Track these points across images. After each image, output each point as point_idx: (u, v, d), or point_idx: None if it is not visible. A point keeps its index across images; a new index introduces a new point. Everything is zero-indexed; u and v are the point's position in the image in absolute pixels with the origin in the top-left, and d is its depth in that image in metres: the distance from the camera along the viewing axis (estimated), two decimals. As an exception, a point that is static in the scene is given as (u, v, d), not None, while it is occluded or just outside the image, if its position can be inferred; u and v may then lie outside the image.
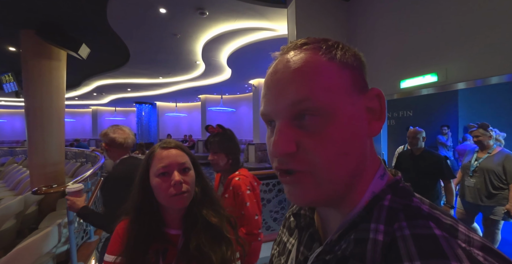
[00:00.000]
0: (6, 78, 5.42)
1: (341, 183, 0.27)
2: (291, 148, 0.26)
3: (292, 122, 0.27)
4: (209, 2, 2.92)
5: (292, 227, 0.41)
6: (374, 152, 0.31)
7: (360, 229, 0.26)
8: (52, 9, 3.04)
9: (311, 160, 0.26)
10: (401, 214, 0.25)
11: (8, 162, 7.16)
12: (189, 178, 0.67)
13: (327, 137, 0.26)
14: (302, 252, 0.34)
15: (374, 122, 0.29)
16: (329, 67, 0.27)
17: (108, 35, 3.85)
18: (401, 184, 0.29)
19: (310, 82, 0.26)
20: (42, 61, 3.55)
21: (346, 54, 0.29)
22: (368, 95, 0.29)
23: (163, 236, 0.67)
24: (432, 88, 2.11)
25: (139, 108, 12.20)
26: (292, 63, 0.27)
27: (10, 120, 12.77)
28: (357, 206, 0.28)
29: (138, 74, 6.71)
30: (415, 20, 2.17)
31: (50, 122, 3.65)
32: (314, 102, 0.26)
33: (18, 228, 2.83)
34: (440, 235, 0.22)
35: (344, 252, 0.26)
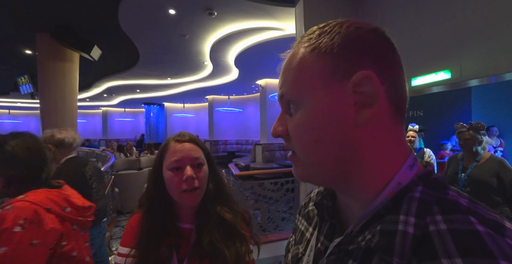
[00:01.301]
0: (22, 80, 5.63)
1: (322, 167, 0.28)
2: (281, 131, 0.31)
3: (285, 109, 0.32)
4: (217, 2, 2.95)
5: (311, 216, 0.41)
6: (396, 141, 0.28)
7: (387, 221, 0.24)
8: (66, 12, 3.15)
9: (292, 143, 0.30)
10: (435, 207, 0.24)
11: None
12: (201, 174, 0.66)
13: (299, 124, 0.29)
14: (322, 241, 0.34)
15: (365, 110, 0.26)
16: (308, 60, 0.28)
17: (118, 37, 3.95)
18: (433, 176, 0.27)
19: (288, 79, 0.30)
20: (56, 63, 3.67)
21: (334, 39, 0.27)
22: (354, 78, 0.26)
23: (176, 230, 0.66)
24: (444, 86, 2.06)
25: (147, 109, 12.41)
26: (286, 60, 0.32)
27: (26, 121, 13.24)
28: (380, 196, 0.27)
29: (147, 75, 6.84)
30: (427, 15, 2.13)
31: (64, 123, 3.76)
32: (289, 96, 0.30)
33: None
34: (483, 231, 0.20)
35: (368, 243, 0.25)
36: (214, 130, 10.75)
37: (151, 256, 0.61)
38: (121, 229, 3.08)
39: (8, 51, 4.59)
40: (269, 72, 6.46)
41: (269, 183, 2.74)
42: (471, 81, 1.88)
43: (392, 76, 0.28)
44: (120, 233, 2.98)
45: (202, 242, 0.63)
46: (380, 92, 0.26)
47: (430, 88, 2.16)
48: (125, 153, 6.31)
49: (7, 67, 5.53)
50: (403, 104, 0.29)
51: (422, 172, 0.27)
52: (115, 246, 2.65)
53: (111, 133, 13.80)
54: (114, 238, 2.84)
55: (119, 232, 3.01)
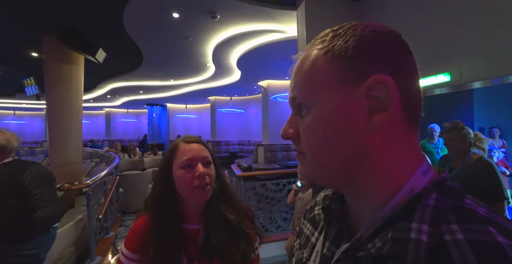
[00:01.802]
0: (28, 82, 5.72)
1: (329, 170, 0.28)
2: (291, 133, 0.32)
3: (296, 112, 0.32)
4: (220, 6, 3.00)
5: (317, 220, 0.40)
6: (409, 146, 0.28)
7: (399, 228, 0.24)
8: (73, 15, 3.21)
9: (302, 145, 0.31)
10: (450, 215, 0.23)
11: (29, 161, 7.52)
12: (211, 171, 0.70)
13: (310, 127, 0.29)
14: (328, 247, 0.33)
15: (377, 115, 0.26)
16: (320, 63, 0.29)
17: (123, 40, 4.01)
18: (448, 183, 0.26)
19: (300, 81, 0.30)
20: (62, 65, 3.75)
21: (348, 42, 0.27)
22: (368, 83, 0.26)
23: (183, 232, 0.67)
24: (444, 88, 2.09)
25: (150, 110, 12.50)
26: (298, 62, 0.32)
27: (30, 122, 13.39)
28: (391, 202, 0.26)
29: (150, 77, 6.91)
30: (427, 19, 2.16)
31: (69, 124, 3.83)
32: (300, 99, 0.30)
33: (40, 223, 2.98)
34: (505, 242, 0.19)
35: (379, 251, 0.24)
36: (216, 131, 10.80)
37: (161, 259, 0.62)
38: (126, 229, 3.14)
39: (15, 53, 4.68)
40: (271, 73, 6.50)
41: (271, 183, 2.78)
42: (471, 84, 1.91)
43: (406, 80, 0.27)
44: (124, 232, 3.03)
45: (210, 241, 0.65)
46: (394, 97, 0.26)
47: (431, 91, 2.19)
48: (128, 153, 6.38)
49: (13, 69, 5.62)
50: (417, 109, 0.28)
51: (437, 179, 0.27)
52: (120, 245, 2.70)
53: (114, 134, 13.91)
54: (119, 237, 2.89)
55: (124, 231, 3.06)
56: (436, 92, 2.19)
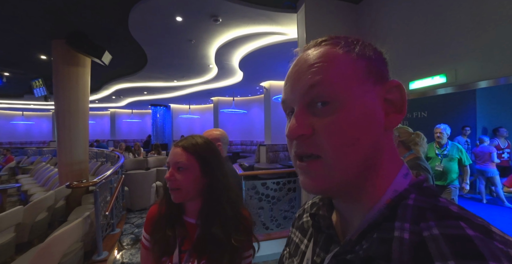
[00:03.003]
0: (37, 84, 5.89)
1: (350, 172, 0.27)
2: (306, 130, 0.28)
3: (308, 108, 0.29)
4: (222, 9, 3.08)
5: (306, 227, 0.40)
6: (395, 150, 0.30)
7: (384, 228, 0.25)
8: (80, 20, 3.33)
9: (322, 144, 0.27)
10: (428, 213, 0.24)
11: (36, 161, 7.73)
12: (181, 177, 0.69)
13: (336, 122, 0.27)
14: (318, 253, 0.34)
15: (393, 115, 0.28)
16: (344, 58, 0.28)
17: (128, 42, 4.12)
18: (425, 184, 0.28)
19: (324, 70, 0.28)
20: (70, 68, 3.87)
21: (365, 48, 0.29)
22: (386, 86, 0.28)
23: (183, 222, 0.73)
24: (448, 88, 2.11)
25: (154, 111, 12.66)
26: (311, 56, 0.30)
27: (38, 123, 13.68)
28: (377, 204, 0.27)
29: (154, 78, 7.03)
30: (424, 22, 2.20)
31: (76, 124, 3.95)
32: (325, 86, 0.27)
33: (49, 220, 3.10)
34: (474, 235, 0.21)
35: (367, 252, 0.25)
36: (219, 131, 10.88)
37: (158, 243, 0.69)
38: (131, 226, 3.23)
39: (24, 56, 4.84)
40: (273, 74, 6.57)
41: (271, 182, 2.84)
42: (467, 85, 1.94)
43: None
44: (130, 229, 3.12)
45: (203, 239, 0.68)
46: (406, 102, 0.29)
47: (431, 91, 2.22)
48: (133, 153, 6.51)
49: (22, 71, 5.79)
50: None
51: (415, 181, 0.28)
52: (126, 241, 2.79)
53: (119, 134, 14.13)
54: (125, 234, 2.98)
55: (129, 228, 3.15)
56: (440, 92, 2.19)
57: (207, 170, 0.71)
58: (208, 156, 0.73)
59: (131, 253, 2.50)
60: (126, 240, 2.80)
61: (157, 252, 0.69)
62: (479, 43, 1.80)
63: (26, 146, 11.65)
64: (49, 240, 1.80)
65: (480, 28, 1.79)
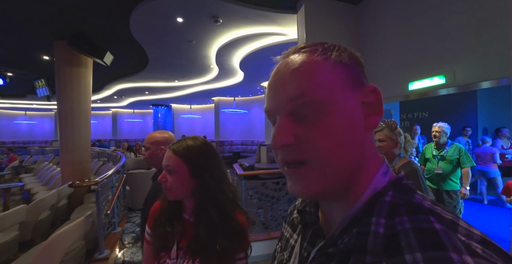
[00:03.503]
0: (39, 84, 5.94)
1: (342, 173, 0.28)
2: (289, 140, 0.29)
3: (291, 117, 0.29)
4: (222, 10, 3.10)
5: (296, 223, 0.41)
6: (375, 149, 0.32)
7: (362, 223, 0.27)
8: (82, 21, 3.36)
9: (310, 150, 0.28)
10: (402, 209, 0.26)
11: (39, 160, 7.80)
12: (171, 179, 0.72)
13: (324, 128, 0.28)
14: (305, 248, 0.35)
15: (371, 117, 0.30)
16: (323, 66, 0.29)
17: (130, 43, 4.15)
18: (403, 182, 0.29)
19: (306, 80, 0.29)
20: (72, 68, 3.91)
21: (341, 54, 0.31)
22: (363, 91, 0.30)
23: (182, 220, 0.76)
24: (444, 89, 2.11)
25: (155, 110, 12.72)
26: (291, 65, 0.30)
27: (41, 122, 13.79)
28: (358, 201, 0.29)
29: (156, 78, 7.07)
30: (423, 23, 2.21)
31: (79, 124, 3.99)
32: (310, 96, 0.28)
33: (52, 218, 3.14)
34: (440, 228, 0.23)
35: (346, 245, 0.27)
36: (220, 131, 10.94)
37: (158, 238, 0.72)
38: (132, 225, 3.26)
39: (27, 57, 4.88)
40: (274, 74, 6.58)
41: (271, 182, 2.86)
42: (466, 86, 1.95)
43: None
44: (131, 228, 3.15)
45: (198, 238, 0.69)
46: (381, 103, 0.30)
47: (431, 92, 2.21)
48: (135, 152, 6.56)
49: (25, 72, 5.85)
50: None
51: (394, 178, 0.30)
52: (127, 240, 2.82)
53: (120, 133, 14.20)
54: (126, 232, 3.02)
55: (131, 227, 3.19)
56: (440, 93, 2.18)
57: (195, 173, 0.73)
58: (197, 159, 0.74)
59: (132, 252, 2.53)
60: (128, 239, 2.84)
61: (156, 247, 0.72)
62: (478, 44, 1.81)
63: (29, 145, 11.75)
64: (51, 238, 1.83)
65: (479, 28, 1.80)
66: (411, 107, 5.49)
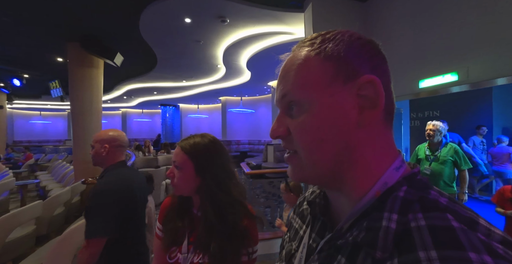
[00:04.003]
0: (53, 85, 6.15)
1: (319, 166, 0.29)
2: (281, 132, 0.32)
3: (285, 111, 0.32)
4: (229, 10, 3.12)
5: (305, 214, 0.42)
6: (388, 143, 0.31)
7: (373, 218, 0.26)
8: (94, 23, 3.46)
9: (295, 143, 0.31)
10: (416, 205, 0.25)
11: (53, 159, 8.08)
12: (177, 174, 0.75)
13: (302, 124, 0.30)
14: (314, 238, 0.36)
15: (368, 111, 0.29)
16: (313, 62, 0.30)
17: (139, 44, 4.24)
18: (418, 177, 0.29)
19: (291, 79, 0.31)
20: (84, 69, 4.03)
21: (338, 44, 0.30)
22: (358, 82, 0.29)
23: (192, 215, 0.77)
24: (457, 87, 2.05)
25: (163, 110, 12.92)
26: (287, 62, 0.33)
27: (54, 122, 14.27)
28: (367, 195, 0.28)
29: (164, 79, 7.18)
30: (434, 18, 2.15)
31: (90, 123, 4.11)
32: (292, 96, 0.30)
33: (66, 214, 3.25)
34: (458, 227, 0.22)
35: (355, 239, 0.26)
36: (227, 131, 11.00)
37: (169, 232, 0.74)
38: (141, 222, 3.33)
39: (42, 59, 5.07)
40: (281, 73, 6.57)
41: (278, 181, 2.86)
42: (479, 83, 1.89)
43: (386, 84, 0.30)
44: (140, 225, 3.22)
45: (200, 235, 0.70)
46: (381, 96, 0.28)
47: (442, 90, 2.16)
48: (143, 151, 6.69)
49: (40, 73, 6.07)
50: (393, 110, 0.32)
51: (408, 173, 0.29)
52: (137, 236, 2.89)
53: (129, 133, 14.51)
54: (136, 229, 3.09)
55: (140, 224, 3.26)
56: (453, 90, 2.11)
57: (200, 170, 0.74)
58: (202, 156, 0.75)
59: (142, 248, 2.59)
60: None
61: (167, 241, 0.74)
62: (494, 39, 1.75)
63: (43, 144, 12.19)
64: (66, 233, 1.90)
65: (495, 22, 1.74)
66: (422, 106, 5.35)
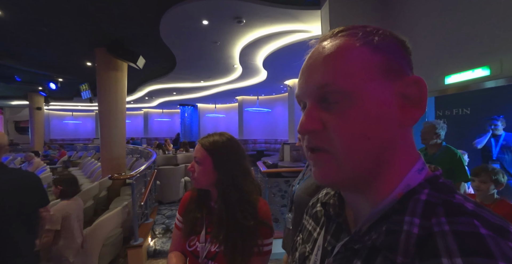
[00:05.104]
0: (83, 87, 6.63)
1: (361, 167, 0.27)
2: (316, 125, 0.28)
3: (319, 103, 0.29)
4: (245, 11, 3.15)
5: (319, 216, 0.40)
6: (412, 144, 0.29)
7: (393, 221, 0.25)
8: (118, 29, 3.68)
9: (332, 139, 0.27)
10: (440, 209, 0.24)
11: (83, 156, 8.72)
12: (197, 169, 0.81)
13: (348, 118, 0.26)
14: (329, 241, 0.34)
15: (409, 110, 0.27)
16: (359, 52, 0.27)
17: (159, 47, 4.43)
18: (441, 180, 0.27)
19: (335, 67, 0.27)
20: (110, 72, 4.30)
21: (384, 39, 0.28)
22: (404, 81, 0.27)
23: (209, 207, 0.83)
24: (489, 82, 1.90)
25: (182, 110, 13.35)
26: (325, 50, 0.29)
27: (84, 122, 15.39)
28: (388, 197, 0.27)
29: (183, 79, 7.43)
30: (462, 10, 2.01)
31: (116, 123, 4.38)
32: (336, 86, 0.27)
33: (95, 207, 3.50)
34: (486, 234, 0.20)
35: (374, 242, 0.25)
36: (244, 130, 11.11)
37: (188, 223, 0.81)
38: (162, 217, 3.50)
39: (74, 64, 5.49)
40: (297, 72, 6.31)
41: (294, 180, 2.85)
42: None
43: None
44: (161, 220, 3.39)
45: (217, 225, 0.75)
46: (426, 98, 0.27)
47: (477, 84, 2.00)
48: (163, 149, 6.98)
49: (72, 77, 6.57)
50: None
51: (430, 176, 0.28)
52: (158, 230, 3.04)
53: (150, 132, 15.20)
54: (157, 223, 3.25)
55: (161, 219, 3.42)
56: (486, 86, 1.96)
57: (217, 165, 0.80)
58: (219, 153, 0.80)
59: (162, 241, 2.73)
60: (158, 229, 3.05)
61: (186, 231, 0.81)
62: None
63: (74, 142, 13.20)
64: (95, 224, 2.07)
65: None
66: (449, 103, 4.99)
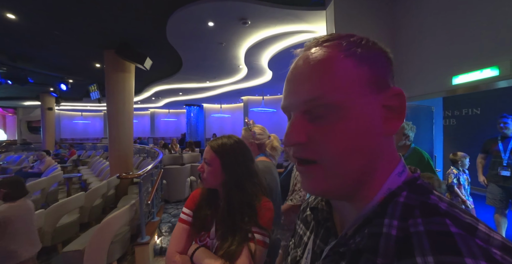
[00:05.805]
0: (92, 88, 6.79)
1: (350, 177, 0.28)
2: (302, 138, 0.28)
3: (305, 116, 0.29)
4: (250, 12, 3.18)
5: (309, 220, 0.41)
6: (393, 150, 0.30)
7: (374, 224, 0.26)
8: (126, 32, 3.76)
9: (321, 151, 0.28)
10: (416, 210, 0.25)
11: (92, 155, 8.93)
12: (207, 169, 0.85)
13: (336, 131, 0.27)
14: (318, 245, 0.35)
15: (392, 121, 0.28)
16: (345, 65, 0.27)
17: (166, 48, 4.50)
18: (419, 181, 0.28)
19: (323, 81, 0.27)
20: (118, 74, 4.40)
21: (368, 50, 0.28)
22: (387, 93, 0.28)
23: (218, 205, 0.87)
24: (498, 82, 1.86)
25: (188, 110, 13.48)
26: (310, 60, 0.29)
27: (93, 122, 15.74)
28: (372, 201, 0.28)
29: (189, 80, 7.51)
30: (470, 9, 1.98)
31: (123, 123, 4.47)
32: (325, 100, 0.27)
33: (103, 205, 3.59)
34: (456, 232, 0.22)
35: (357, 246, 0.26)
36: (249, 130, 11.12)
37: (199, 219, 0.85)
38: (168, 216, 3.56)
39: (83, 65, 5.63)
40: (302, 72, 6.47)
41: (298, 181, 2.86)
42: (524, 78, 1.71)
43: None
44: (167, 218, 3.45)
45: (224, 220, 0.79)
46: (405, 109, 0.29)
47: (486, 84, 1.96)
48: (169, 149, 7.08)
49: (81, 78, 6.74)
50: None
51: (409, 178, 0.29)
52: (164, 229, 3.10)
53: (157, 132, 15.42)
54: (163, 222, 3.31)
55: (167, 217, 3.48)
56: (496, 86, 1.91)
57: (225, 167, 0.84)
58: (228, 155, 0.85)
59: (168, 240, 2.78)
60: (164, 228, 3.11)
61: (197, 227, 0.85)
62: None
63: (84, 141, 13.53)
64: (104, 222, 2.13)
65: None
66: (458, 103, 4.90)
